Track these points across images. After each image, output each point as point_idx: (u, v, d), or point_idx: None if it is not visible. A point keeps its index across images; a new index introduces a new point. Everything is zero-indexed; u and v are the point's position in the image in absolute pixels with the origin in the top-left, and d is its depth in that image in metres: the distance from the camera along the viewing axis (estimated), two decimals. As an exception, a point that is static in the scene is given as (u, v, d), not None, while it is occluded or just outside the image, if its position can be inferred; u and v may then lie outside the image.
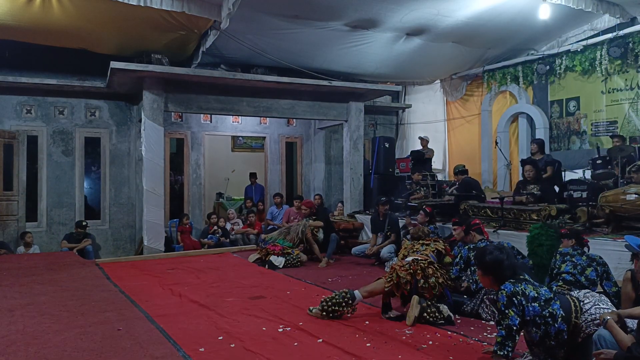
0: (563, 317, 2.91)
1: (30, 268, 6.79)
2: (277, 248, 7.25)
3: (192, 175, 10.23)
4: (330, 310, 4.39)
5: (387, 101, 11.81)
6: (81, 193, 9.41)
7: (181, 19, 7.37)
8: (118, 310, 4.70)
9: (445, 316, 4.29)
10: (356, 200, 9.81)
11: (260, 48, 8.77)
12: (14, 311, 4.69)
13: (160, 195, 8.25)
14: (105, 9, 6.99)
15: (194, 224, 9.80)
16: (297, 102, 9.49)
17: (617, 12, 7.86)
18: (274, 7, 7.39)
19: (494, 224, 6.48)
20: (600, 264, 4.30)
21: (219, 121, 10.50)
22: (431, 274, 4.41)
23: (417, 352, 3.59)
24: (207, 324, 4.32)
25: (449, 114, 11.69)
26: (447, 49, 9.44)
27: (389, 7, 7.50)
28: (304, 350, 3.65)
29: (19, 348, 3.69)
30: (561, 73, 9.21)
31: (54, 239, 9.07)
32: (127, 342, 3.81)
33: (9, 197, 8.63)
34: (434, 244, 4.98)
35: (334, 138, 11.30)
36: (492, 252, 3.06)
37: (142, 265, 7.24)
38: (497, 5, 7.56)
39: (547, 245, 5.26)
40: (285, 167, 11.28)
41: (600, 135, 8.70)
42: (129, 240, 9.70)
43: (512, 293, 2.88)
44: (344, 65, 9.89)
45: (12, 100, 8.89)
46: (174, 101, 8.51)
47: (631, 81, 8.22)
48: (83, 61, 8.93)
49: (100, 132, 9.55)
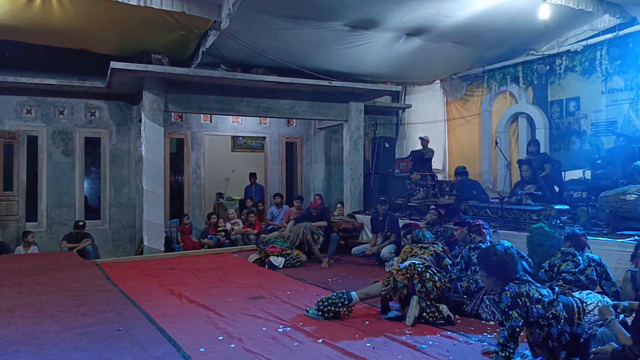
0: (566, 318, 2.91)
1: (30, 268, 6.80)
2: (277, 249, 7.25)
3: (192, 175, 10.23)
4: (326, 311, 4.40)
5: (387, 101, 11.81)
6: (81, 193, 9.41)
7: (181, 19, 7.37)
8: (118, 310, 4.71)
9: (445, 316, 4.29)
10: (356, 200, 9.81)
11: (260, 48, 8.76)
12: (14, 311, 4.69)
13: (160, 195, 8.24)
14: (105, 9, 6.99)
15: (194, 224, 9.80)
16: (297, 102, 9.49)
17: (617, 12, 7.85)
18: (274, 7, 7.38)
19: (493, 224, 6.48)
20: (599, 264, 4.32)
21: (219, 121, 10.50)
22: (428, 279, 4.40)
23: (417, 352, 3.59)
24: (207, 324, 4.32)
25: (449, 114, 11.68)
26: (447, 49, 9.44)
27: (389, 7, 7.49)
28: (304, 350, 3.65)
29: (19, 348, 3.69)
30: (561, 73, 9.20)
31: (54, 239, 9.06)
32: (127, 342, 3.81)
33: (9, 197, 8.64)
34: (432, 246, 4.99)
35: (334, 138, 11.30)
36: (497, 253, 3.05)
37: (142, 266, 7.24)
38: (497, 5, 7.55)
39: (547, 245, 5.26)
40: (285, 167, 11.27)
41: (600, 135, 8.69)
42: (129, 240, 9.70)
43: (517, 294, 2.87)
44: (344, 65, 9.88)
45: (12, 100, 8.89)
46: (174, 101, 8.51)
47: (631, 81, 8.21)
48: (83, 61, 8.92)
49: (100, 132, 9.55)
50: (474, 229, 5.19)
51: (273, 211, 9.88)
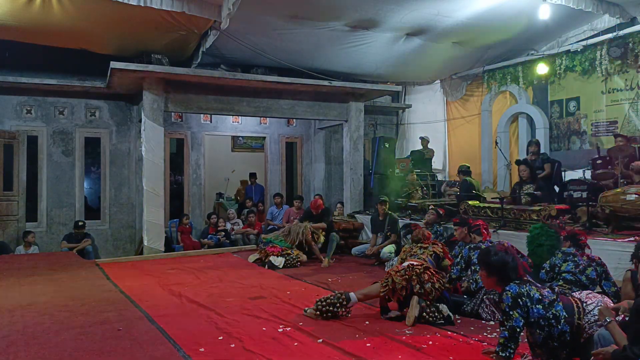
0: (566, 318, 2.92)
1: (30, 268, 6.80)
2: (277, 249, 7.25)
3: (192, 175, 10.23)
4: (324, 311, 4.40)
5: (387, 101, 11.81)
6: (81, 193, 9.41)
7: (181, 19, 7.36)
8: (118, 310, 4.70)
9: (445, 316, 4.29)
10: (356, 200, 9.81)
11: (260, 48, 8.76)
12: (14, 311, 4.69)
13: (160, 195, 8.25)
14: (105, 9, 6.98)
15: (194, 224, 9.80)
16: (297, 102, 9.49)
17: (617, 12, 7.85)
18: (274, 7, 7.38)
19: (494, 224, 6.48)
20: (599, 264, 4.32)
21: (219, 121, 10.50)
22: (427, 280, 4.39)
23: (417, 352, 3.58)
24: (207, 324, 4.32)
25: (449, 114, 11.69)
26: (447, 49, 9.44)
27: (389, 7, 7.49)
28: (304, 350, 3.65)
29: (19, 348, 3.69)
30: (561, 73, 9.21)
31: (54, 239, 9.06)
32: (127, 342, 3.81)
33: (9, 197, 8.64)
34: (432, 247, 4.99)
35: (334, 138, 11.30)
36: (497, 253, 3.05)
37: (142, 266, 7.24)
38: (497, 5, 7.55)
39: (547, 245, 5.26)
40: (285, 167, 11.27)
41: (601, 135, 8.69)
42: (129, 240, 9.70)
43: (518, 294, 2.87)
44: (344, 65, 9.88)
45: (12, 100, 8.89)
46: (174, 101, 8.51)
47: (631, 81, 8.22)
48: (83, 61, 8.92)
49: (100, 132, 9.55)
50: (474, 229, 5.19)
51: (273, 211, 9.88)
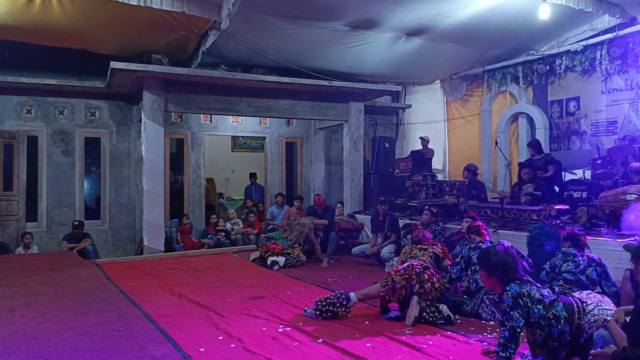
0: (566, 318, 2.92)
1: (30, 268, 6.80)
2: (278, 247, 7.25)
3: (192, 175, 10.23)
4: (324, 310, 4.40)
5: (387, 101, 11.81)
6: (81, 193, 9.41)
7: (181, 19, 7.36)
8: (118, 310, 4.71)
9: (445, 316, 4.29)
10: (356, 200, 9.80)
11: (260, 48, 8.76)
12: (14, 311, 4.69)
13: (160, 195, 8.25)
14: (105, 9, 6.98)
15: (194, 224, 9.80)
16: (297, 102, 9.49)
17: (617, 12, 7.84)
18: (274, 7, 7.38)
19: (493, 224, 6.48)
20: (599, 264, 4.32)
21: (219, 121, 10.49)
22: (426, 279, 4.39)
23: (417, 352, 3.58)
24: (207, 324, 4.32)
25: (449, 114, 11.68)
26: (447, 49, 9.44)
27: (389, 7, 7.49)
28: (304, 350, 3.65)
29: (19, 348, 3.69)
30: (561, 73, 9.20)
31: (54, 239, 9.06)
32: (127, 342, 3.81)
33: (9, 197, 8.63)
34: (432, 248, 4.99)
35: (334, 138, 11.30)
36: (497, 254, 3.05)
37: (142, 266, 7.24)
38: (497, 5, 7.55)
39: (547, 245, 5.26)
40: (285, 167, 11.26)
41: (600, 135, 8.69)
42: (129, 240, 9.70)
43: (518, 294, 2.87)
44: (344, 65, 9.88)
45: (12, 100, 8.89)
46: (174, 101, 8.51)
47: (631, 81, 8.21)
48: (83, 61, 8.92)
49: (100, 132, 9.55)
50: (474, 229, 5.19)
51: (273, 211, 9.87)
